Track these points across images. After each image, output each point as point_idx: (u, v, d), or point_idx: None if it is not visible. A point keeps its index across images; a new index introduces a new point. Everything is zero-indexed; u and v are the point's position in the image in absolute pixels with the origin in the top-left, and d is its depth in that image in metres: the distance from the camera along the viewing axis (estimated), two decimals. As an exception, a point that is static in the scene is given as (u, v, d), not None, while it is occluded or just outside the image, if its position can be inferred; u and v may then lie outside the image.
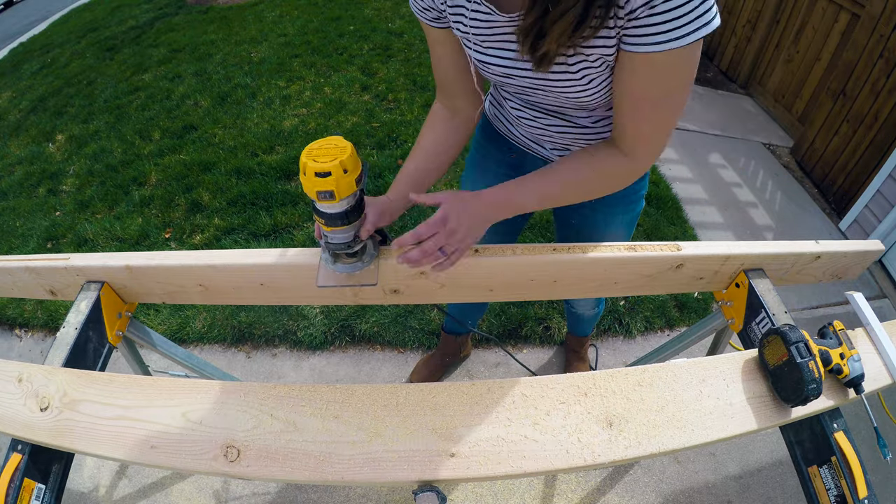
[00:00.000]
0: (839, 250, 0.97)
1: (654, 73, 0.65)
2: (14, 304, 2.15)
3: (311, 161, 0.65)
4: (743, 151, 3.08)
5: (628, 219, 1.10)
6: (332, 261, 0.82)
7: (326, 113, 3.22)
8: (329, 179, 0.65)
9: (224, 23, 4.77)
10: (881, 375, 0.79)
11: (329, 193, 0.67)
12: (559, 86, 0.74)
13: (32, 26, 6.29)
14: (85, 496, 1.55)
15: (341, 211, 0.71)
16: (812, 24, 3.05)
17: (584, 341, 1.81)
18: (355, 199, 0.73)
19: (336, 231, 0.74)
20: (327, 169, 0.65)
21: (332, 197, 0.67)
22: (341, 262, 0.82)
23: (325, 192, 0.66)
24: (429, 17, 0.80)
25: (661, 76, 0.65)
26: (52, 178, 2.96)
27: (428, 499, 0.66)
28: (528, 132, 0.98)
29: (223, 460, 0.66)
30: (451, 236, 0.76)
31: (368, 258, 0.83)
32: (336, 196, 0.67)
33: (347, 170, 0.67)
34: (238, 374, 1.84)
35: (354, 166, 0.68)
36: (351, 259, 0.82)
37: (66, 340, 0.84)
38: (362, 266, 0.83)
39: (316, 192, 0.67)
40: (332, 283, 0.83)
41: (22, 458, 0.71)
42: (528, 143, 1.01)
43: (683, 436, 0.69)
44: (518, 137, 1.02)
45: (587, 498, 1.54)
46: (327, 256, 0.82)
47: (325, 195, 0.67)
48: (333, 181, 0.66)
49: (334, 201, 0.68)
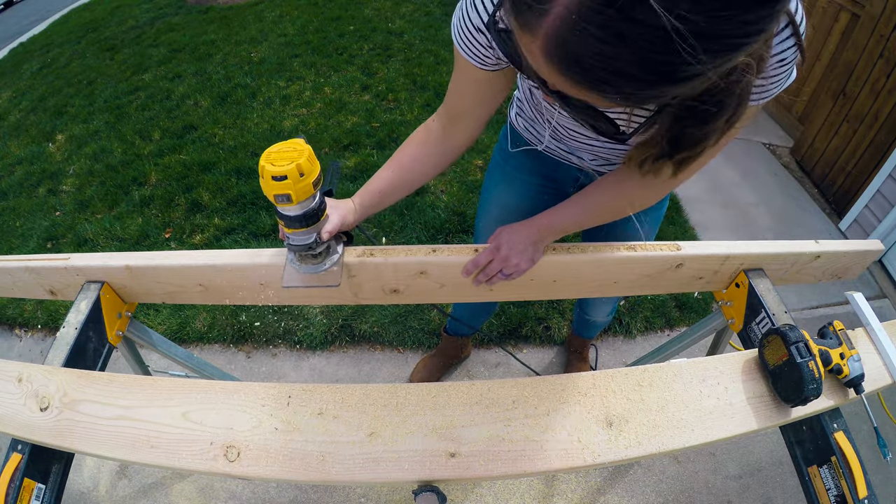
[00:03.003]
0: (839, 250, 0.97)
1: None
2: (14, 304, 2.15)
3: (268, 164, 0.66)
4: (743, 151, 3.08)
5: (654, 217, 1.11)
6: (297, 262, 0.83)
7: (326, 113, 3.22)
8: (286, 183, 0.66)
9: (224, 23, 4.77)
10: (881, 375, 0.79)
11: (286, 196, 0.68)
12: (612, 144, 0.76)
13: (32, 26, 6.28)
14: (85, 496, 1.55)
15: (300, 213, 0.72)
16: (812, 23, 3.05)
17: (587, 343, 1.82)
18: (315, 202, 0.73)
19: (297, 233, 0.75)
20: (283, 172, 0.65)
21: (289, 200, 0.68)
22: (306, 263, 0.83)
23: (282, 195, 0.67)
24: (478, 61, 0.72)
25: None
26: (52, 178, 2.96)
27: (428, 499, 0.66)
28: (566, 143, 0.95)
29: (223, 460, 0.66)
30: (505, 261, 0.85)
31: (332, 259, 0.84)
32: (293, 199, 0.68)
33: (304, 173, 0.67)
34: (238, 374, 1.84)
35: (311, 169, 0.68)
36: (315, 260, 0.83)
37: (66, 340, 0.84)
38: (326, 267, 0.84)
39: (273, 195, 0.68)
40: (297, 284, 0.84)
41: (22, 458, 0.71)
42: (564, 154, 0.99)
43: (683, 436, 0.69)
44: (554, 150, 1.00)
45: (587, 498, 1.54)
46: (293, 257, 0.83)
47: (283, 198, 0.68)
48: (290, 184, 0.66)
49: (292, 204, 0.69)
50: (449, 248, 0.91)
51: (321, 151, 2.87)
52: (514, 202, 1.13)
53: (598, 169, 0.98)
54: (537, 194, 1.10)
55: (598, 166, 0.97)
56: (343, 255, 0.86)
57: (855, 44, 2.53)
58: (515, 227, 0.87)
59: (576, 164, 1.00)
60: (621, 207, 0.83)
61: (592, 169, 0.99)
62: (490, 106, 0.83)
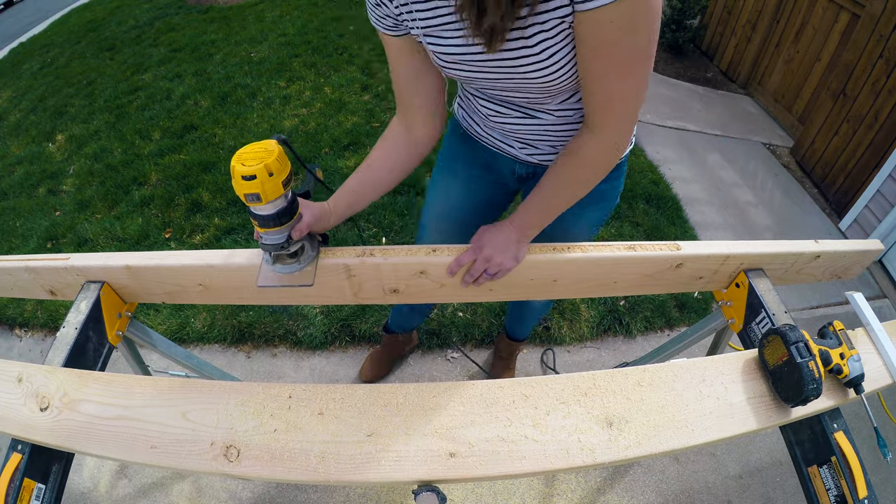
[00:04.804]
0: (839, 250, 0.97)
1: (613, 28, 0.62)
2: (14, 304, 2.15)
3: (238, 164, 0.67)
4: (743, 151, 3.08)
5: (597, 217, 1.08)
6: (272, 262, 0.84)
7: (326, 113, 3.22)
8: (254, 182, 0.67)
9: (224, 23, 4.77)
10: (881, 375, 0.79)
11: (255, 196, 0.69)
12: (519, 65, 0.71)
13: (32, 26, 6.28)
14: (85, 496, 1.55)
15: (272, 213, 0.73)
16: (812, 24, 3.05)
17: (516, 347, 1.78)
18: (286, 202, 0.74)
19: (269, 232, 0.76)
20: (252, 172, 0.67)
21: (258, 199, 0.69)
22: (281, 263, 0.84)
23: (251, 194, 0.69)
24: (387, 24, 0.78)
25: (621, 30, 0.62)
26: (52, 178, 2.96)
27: (428, 499, 0.66)
28: (496, 130, 0.97)
29: (223, 460, 0.66)
30: (489, 261, 0.87)
31: (307, 259, 0.85)
32: (263, 198, 0.69)
33: (273, 173, 0.68)
34: (238, 374, 1.84)
35: (280, 169, 0.69)
36: (290, 260, 0.84)
37: (66, 340, 0.84)
38: (300, 267, 0.85)
39: (244, 194, 0.69)
40: (271, 284, 0.86)
41: (22, 458, 0.71)
42: (498, 144, 1.00)
43: (683, 436, 0.69)
44: (486, 137, 1.01)
45: (587, 498, 1.54)
46: (268, 257, 0.84)
47: (252, 197, 0.69)
48: (259, 184, 0.68)
49: (261, 203, 0.70)
50: (449, 247, 0.91)
51: (321, 151, 2.87)
52: (455, 193, 1.14)
53: (528, 159, 0.98)
54: (477, 186, 1.11)
55: (528, 155, 0.97)
56: (318, 255, 0.88)
57: (855, 44, 2.53)
58: (497, 227, 0.89)
59: (511, 155, 1.00)
60: (585, 177, 0.82)
61: (524, 159, 0.99)
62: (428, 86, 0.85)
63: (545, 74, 0.71)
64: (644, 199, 2.56)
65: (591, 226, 1.10)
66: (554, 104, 0.83)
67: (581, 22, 0.63)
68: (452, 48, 0.74)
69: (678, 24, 4.00)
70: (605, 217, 1.10)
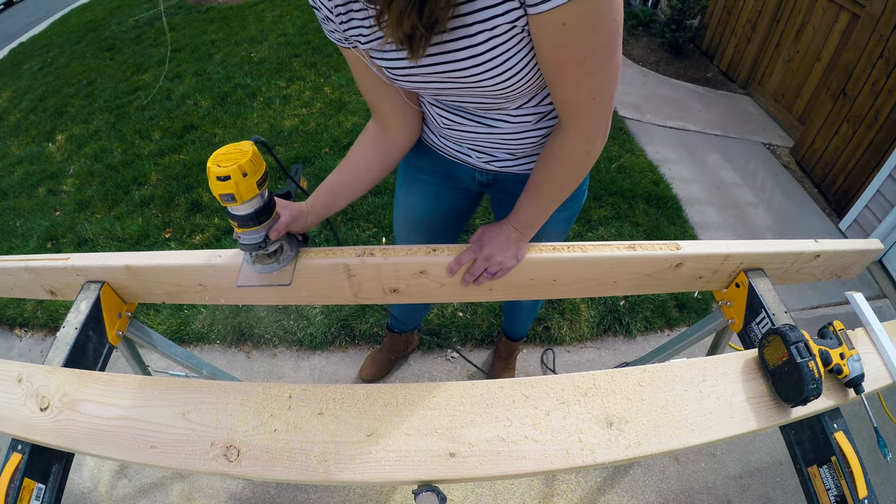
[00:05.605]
0: (838, 249, 0.97)
1: (569, 29, 0.59)
2: (14, 304, 2.15)
3: (213, 165, 0.68)
4: (743, 151, 3.08)
5: (565, 216, 1.07)
6: (252, 261, 0.85)
7: (326, 113, 3.22)
8: (229, 183, 0.68)
9: (224, 23, 4.77)
10: (881, 375, 0.79)
11: (230, 196, 0.69)
12: (469, 74, 0.68)
13: (32, 26, 6.29)
14: (85, 496, 1.55)
15: (249, 213, 0.74)
16: (812, 24, 3.05)
17: (515, 347, 1.79)
18: (262, 201, 0.75)
19: (247, 232, 0.77)
20: (226, 173, 0.67)
21: (233, 199, 0.70)
22: (260, 263, 0.85)
23: (226, 194, 0.69)
24: (337, 38, 0.78)
25: (578, 31, 0.59)
26: (52, 178, 2.96)
27: (428, 499, 0.66)
28: (451, 139, 0.95)
29: (223, 460, 0.66)
30: (489, 260, 0.88)
31: (286, 259, 0.86)
32: (238, 199, 0.70)
33: (247, 173, 0.69)
34: (238, 374, 1.84)
35: (255, 170, 0.70)
36: (269, 259, 0.85)
37: (66, 340, 0.84)
38: (279, 266, 0.85)
39: (219, 194, 0.70)
40: (250, 283, 0.86)
41: (22, 458, 0.71)
42: (455, 153, 0.98)
43: (683, 436, 0.69)
44: (444, 147, 0.99)
45: (587, 498, 1.54)
46: (248, 257, 0.85)
47: (227, 197, 0.70)
48: (233, 184, 0.68)
49: (237, 203, 0.71)
50: (449, 247, 0.91)
51: (321, 151, 2.87)
52: (417, 204, 1.14)
53: (486, 167, 0.97)
54: (437, 194, 1.11)
55: (485, 163, 0.96)
56: (297, 255, 0.89)
57: (855, 44, 2.53)
58: (496, 226, 0.90)
59: (469, 164, 0.99)
60: (570, 175, 0.81)
61: (482, 167, 0.97)
62: (394, 90, 0.84)
63: (499, 81, 0.69)
64: (644, 199, 2.56)
65: (565, 224, 1.10)
66: (513, 108, 0.81)
67: (535, 25, 0.61)
68: (398, 61, 0.72)
69: (678, 24, 4.00)
70: (576, 214, 1.11)
